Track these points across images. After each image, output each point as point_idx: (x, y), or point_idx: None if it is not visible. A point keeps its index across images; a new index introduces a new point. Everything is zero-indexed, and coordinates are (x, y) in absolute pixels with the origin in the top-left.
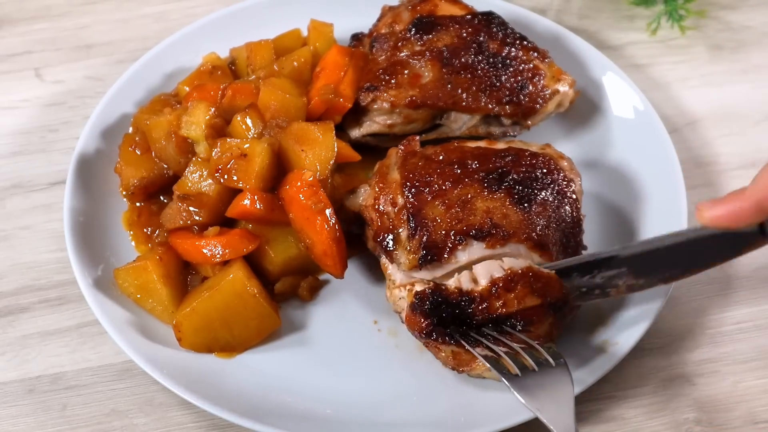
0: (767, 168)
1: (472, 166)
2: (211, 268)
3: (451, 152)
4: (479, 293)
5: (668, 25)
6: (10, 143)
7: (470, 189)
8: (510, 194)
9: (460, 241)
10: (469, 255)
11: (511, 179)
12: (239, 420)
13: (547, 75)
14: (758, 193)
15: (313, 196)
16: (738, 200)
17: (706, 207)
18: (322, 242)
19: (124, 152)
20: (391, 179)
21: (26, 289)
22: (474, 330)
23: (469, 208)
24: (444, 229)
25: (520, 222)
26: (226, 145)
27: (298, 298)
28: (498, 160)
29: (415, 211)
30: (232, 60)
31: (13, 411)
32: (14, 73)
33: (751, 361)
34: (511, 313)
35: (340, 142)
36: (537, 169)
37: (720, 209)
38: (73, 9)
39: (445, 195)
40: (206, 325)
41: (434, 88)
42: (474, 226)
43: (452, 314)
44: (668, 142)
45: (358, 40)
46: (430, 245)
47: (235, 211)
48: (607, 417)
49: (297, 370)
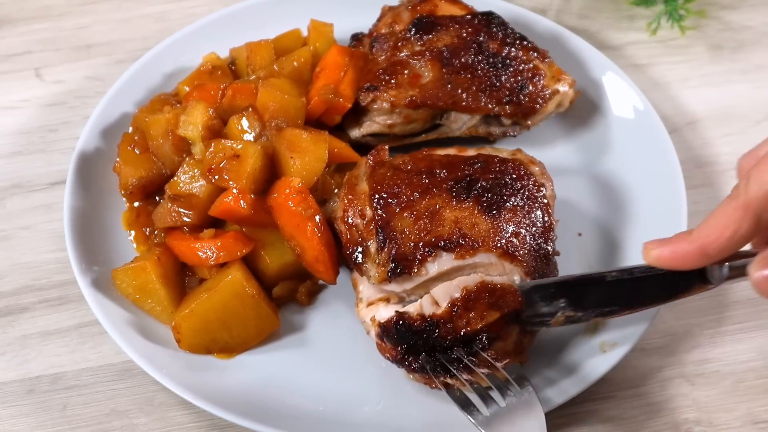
0: (713, 215)
1: (441, 175)
2: (207, 270)
3: (420, 161)
4: (441, 316)
5: (668, 25)
6: (10, 143)
7: (439, 199)
8: (479, 202)
9: (429, 252)
10: (439, 266)
11: (479, 187)
12: (239, 420)
13: (547, 75)
14: (703, 238)
15: (303, 202)
16: (684, 242)
17: (653, 246)
18: (313, 248)
19: (123, 151)
20: (360, 190)
21: (26, 289)
22: (444, 353)
23: (438, 218)
24: (413, 240)
25: (489, 230)
26: (220, 145)
27: (296, 302)
28: (466, 167)
29: (384, 223)
30: (232, 60)
31: (13, 411)
32: (14, 73)
33: (751, 361)
34: (477, 331)
35: (340, 142)
36: (506, 175)
37: (665, 249)
38: (73, 9)
39: (414, 206)
40: (205, 327)
41: (434, 88)
42: (443, 237)
43: (420, 340)
44: (668, 142)
45: (358, 40)
46: (399, 258)
47: (218, 209)
48: (607, 417)
49: (297, 370)
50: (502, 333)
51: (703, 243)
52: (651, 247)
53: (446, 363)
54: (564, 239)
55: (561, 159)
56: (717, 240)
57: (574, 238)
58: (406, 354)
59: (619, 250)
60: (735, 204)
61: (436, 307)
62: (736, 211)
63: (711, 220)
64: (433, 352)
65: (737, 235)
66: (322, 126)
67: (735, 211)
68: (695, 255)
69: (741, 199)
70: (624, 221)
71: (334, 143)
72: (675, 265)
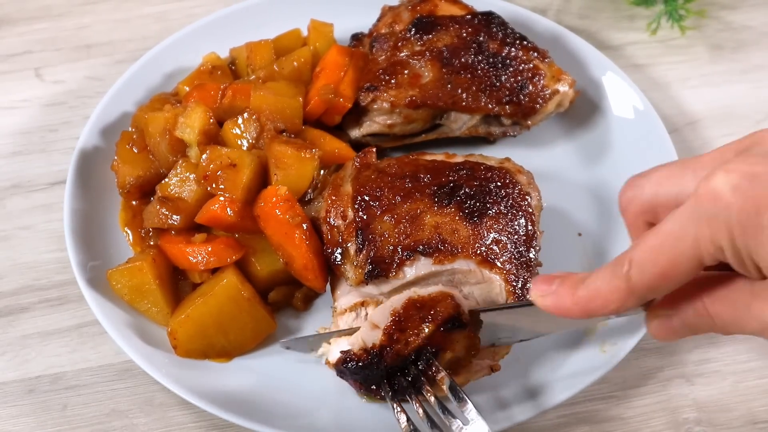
0: (600, 274)
1: (425, 180)
2: (198, 275)
3: (405, 165)
4: (381, 344)
5: (668, 25)
6: (10, 143)
7: (420, 203)
8: (461, 208)
9: (407, 256)
10: (416, 270)
11: (462, 193)
12: (239, 420)
13: (547, 75)
14: (586, 300)
15: (290, 210)
16: (568, 299)
17: (539, 292)
18: (301, 256)
19: (121, 150)
20: (344, 192)
21: (26, 289)
22: (403, 374)
23: (418, 223)
24: (392, 244)
25: (470, 237)
26: (216, 152)
27: (292, 308)
28: (452, 173)
29: (364, 225)
30: (232, 60)
31: (13, 411)
32: (14, 73)
33: (751, 361)
34: (419, 348)
35: (340, 142)
36: (491, 183)
37: (550, 301)
38: (73, 9)
39: (395, 209)
40: (201, 331)
41: (434, 88)
42: (422, 241)
43: (371, 372)
44: (668, 142)
45: (358, 40)
46: (377, 260)
47: (205, 217)
48: (607, 417)
49: (296, 371)
50: (446, 344)
51: (586, 307)
52: (539, 293)
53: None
54: (564, 239)
55: (561, 159)
56: (600, 309)
57: (574, 238)
58: (366, 385)
59: (618, 250)
60: (618, 285)
61: (377, 332)
62: (619, 291)
63: (595, 286)
64: (394, 376)
65: (621, 309)
66: (322, 126)
67: (618, 292)
68: (579, 313)
69: (624, 284)
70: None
71: (334, 143)
72: (559, 315)
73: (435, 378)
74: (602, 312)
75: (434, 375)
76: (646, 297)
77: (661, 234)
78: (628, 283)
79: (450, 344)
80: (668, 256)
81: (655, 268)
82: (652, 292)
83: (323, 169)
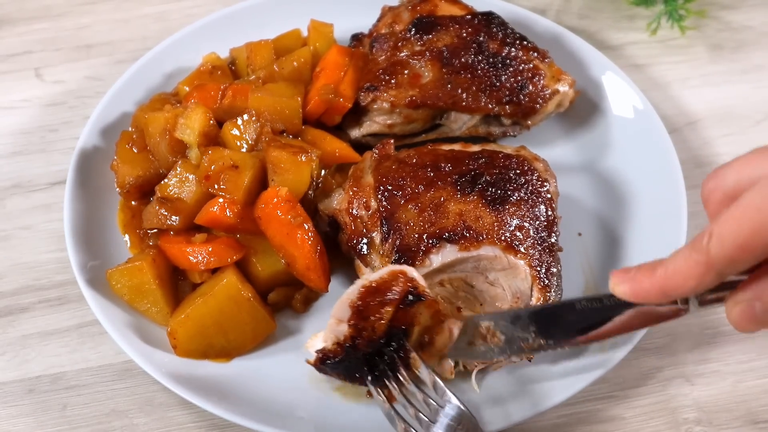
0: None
1: (446, 169)
2: (198, 275)
3: (425, 155)
4: (350, 335)
5: (668, 25)
6: (10, 143)
7: (443, 192)
8: (483, 196)
9: (433, 244)
10: (443, 258)
11: (484, 181)
12: (239, 420)
13: (547, 75)
14: (665, 281)
15: (291, 210)
16: (647, 281)
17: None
18: (304, 256)
19: (120, 149)
20: (365, 183)
21: (26, 289)
22: (380, 358)
23: (442, 211)
24: (417, 232)
25: (494, 223)
26: (217, 153)
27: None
28: (471, 162)
29: (388, 214)
30: (232, 60)
31: (13, 411)
32: (14, 73)
33: (751, 361)
34: (386, 331)
35: (340, 142)
36: (510, 171)
37: (627, 287)
38: (73, 9)
39: (418, 198)
40: (201, 332)
41: (434, 88)
42: (447, 228)
43: (349, 362)
44: (668, 142)
45: (358, 40)
46: (403, 249)
47: (204, 218)
48: (607, 417)
49: (296, 371)
50: (411, 318)
51: (665, 286)
52: (616, 282)
53: (383, 369)
54: (564, 239)
55: (561, 159)
56: (679, 288)
57: (575, 238)
58: (348, 375)
59: (618, 250)
60: (698, 259)
61: (343, 326)
62: (698, 266)
63: (674, 264)
64: (373, 362)
65: (699, 287)
66: (323, 126)
67: (698, 266)
68: (657, 295)
69: (703, 257)
70: (624, 221)
71: (334, 143)
72: (638, 301)
73: (408, 360)
74: (681, 291)
75: (407, 357)
76: (725, 272)
77: (742, 205)
78: (707, 256)
79: (414, 318)
80: (749, 226)
81: (736, 240)
82: (732, 266)
83: (324, 169)
